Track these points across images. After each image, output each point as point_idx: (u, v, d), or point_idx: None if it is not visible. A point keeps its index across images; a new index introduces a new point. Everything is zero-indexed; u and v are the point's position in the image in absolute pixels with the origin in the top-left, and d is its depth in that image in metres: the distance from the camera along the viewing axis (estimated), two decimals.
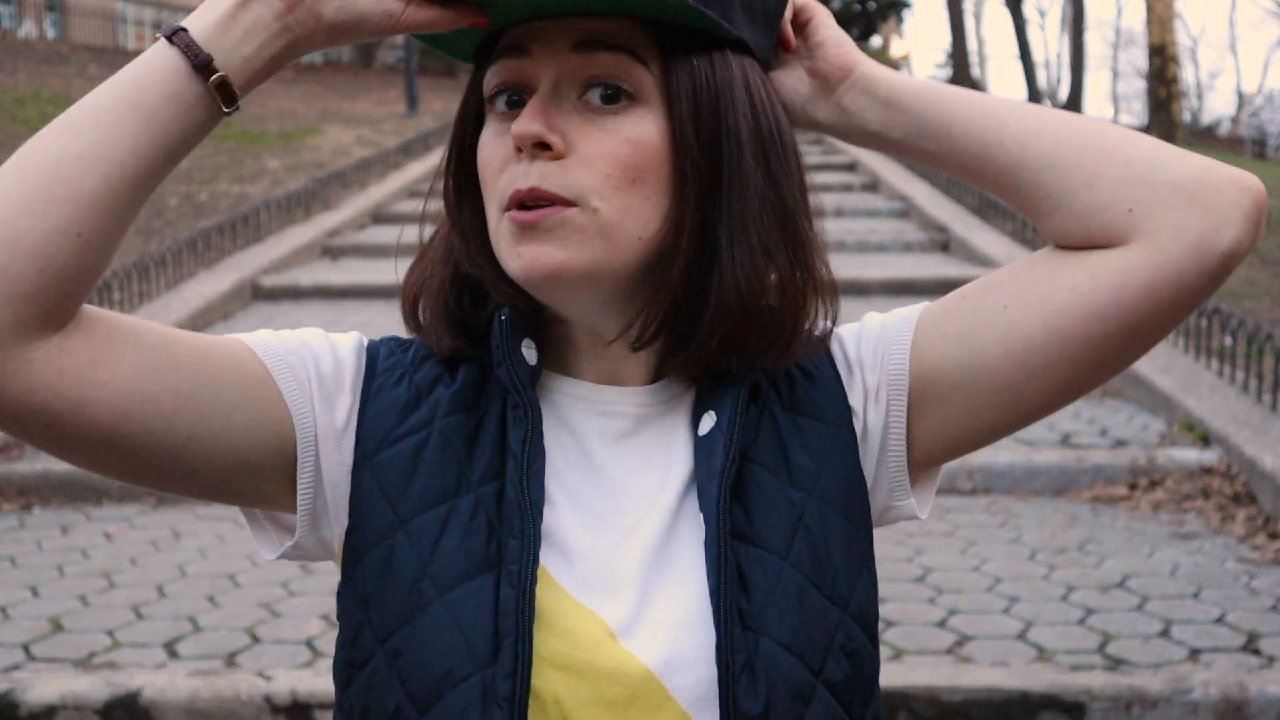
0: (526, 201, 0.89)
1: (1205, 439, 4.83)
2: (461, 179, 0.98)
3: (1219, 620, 3.42)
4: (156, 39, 0.86)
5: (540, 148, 0.89)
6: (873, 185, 11.62)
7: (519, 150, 0.90)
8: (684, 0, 0.88)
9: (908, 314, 1.02)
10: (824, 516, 0.96)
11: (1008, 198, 0.98)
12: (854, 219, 10.20)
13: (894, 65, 31.96)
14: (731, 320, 0.93)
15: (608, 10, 0.90)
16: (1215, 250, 0.91)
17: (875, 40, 38.95)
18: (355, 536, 0.95)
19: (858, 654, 0.96)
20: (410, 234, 1.08)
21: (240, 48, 0.86)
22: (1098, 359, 0.95)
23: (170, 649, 3.34)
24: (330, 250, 9.02)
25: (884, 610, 3.07)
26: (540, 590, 0.91)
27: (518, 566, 0.90)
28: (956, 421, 0.99)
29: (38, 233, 0.80)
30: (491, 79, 0.94)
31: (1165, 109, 20.51)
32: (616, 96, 0.91)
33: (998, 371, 0.96)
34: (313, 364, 0.98)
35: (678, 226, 0.92)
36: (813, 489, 0.97)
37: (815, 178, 1.05)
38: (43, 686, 3.07)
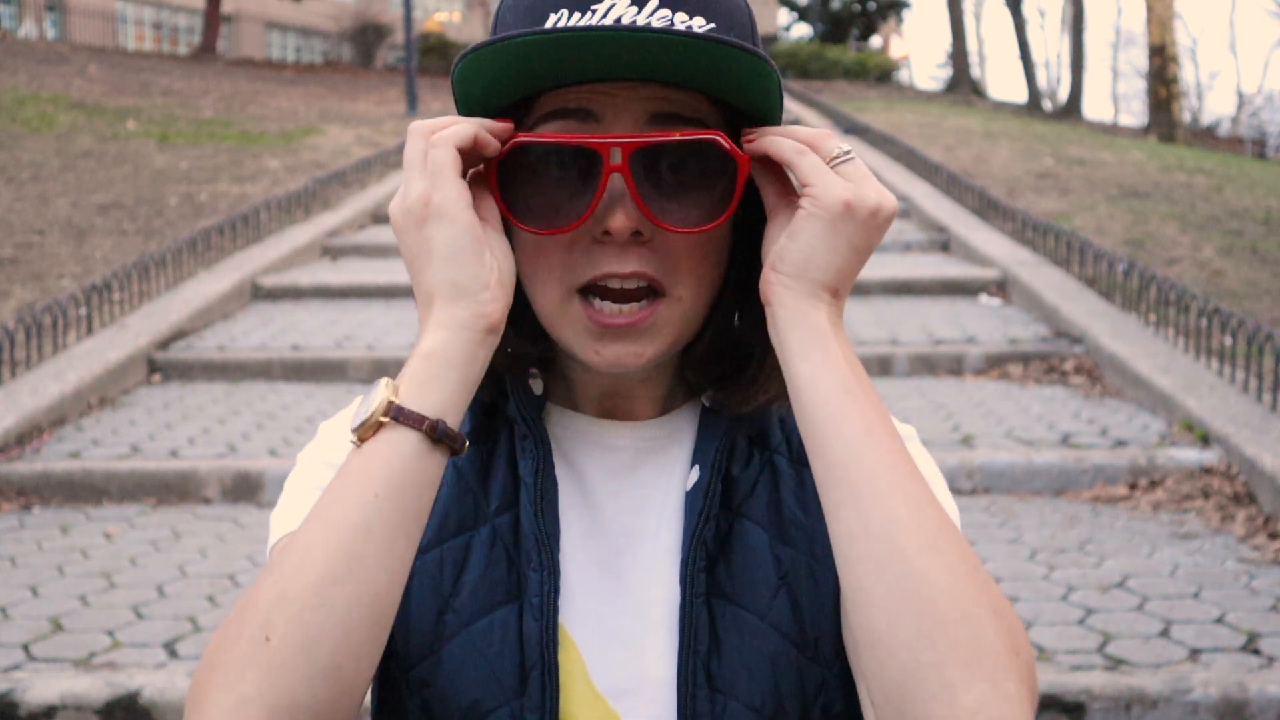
0: (619, 284, 0.89)
1: (1205, 439, 4.83)
2: None
3: (1219, 620, 3.41)
4: (391, 420, 0.82)
5: (635, 235, 0.88)
6: None
7: (605, 234, 0.88)
8: (775, 89, 0.88)
9: None
10: (813, 573, 0.94)
11: None
12: None
13: (893, 66, 31.31)
14: (776, 373, 0.93)
15: (686, 83, 0.88)
16: None
17: (875, 40, 38.93)
18: None
19: (841, 716, 0.93)
20: None
21: (469, 395, 0.86)
22: None
23: (170, 649, 3.34)
24: (330, 250, 9.02)
25: None
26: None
27: (539, 599, 0.91)
28: None
29: (365, 672, 0.80)
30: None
31: (1165, 109, 20.52)
32: None
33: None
34: None
35: (729, 288, 0.95)
36: (803, 545, 0.95)
37: None
38: (43, 686, 3.07)
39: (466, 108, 0.92)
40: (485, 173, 0.90)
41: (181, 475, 4.71)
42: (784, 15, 38.72)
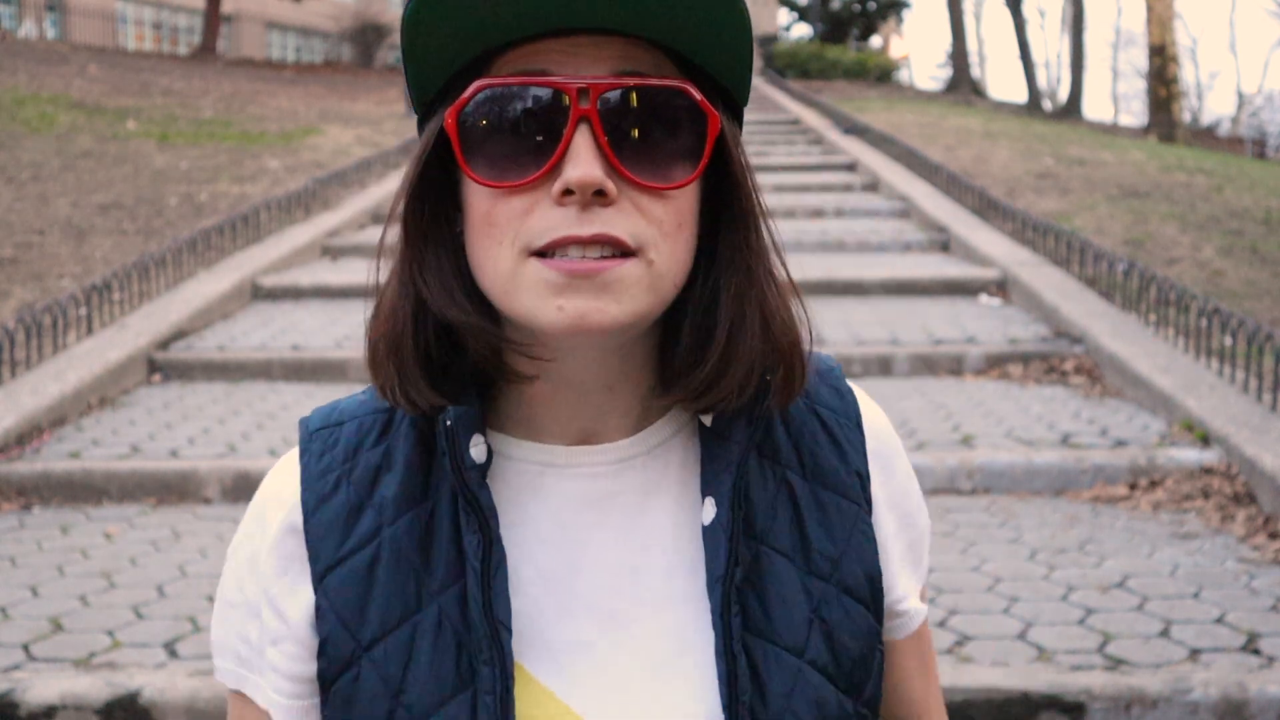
0: (582, 250, 0.81)
1: (1205, 439, 4.83)
2: (427, 207, 0.87)
3: (1219, 620, 3.41)
4: None
5: (598, 194, 0.81)
6: (873, 185, 11.61)
7: (565, 194, 0.81)
8: (744, 36, 0.84)
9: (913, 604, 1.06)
10: (843, 605, 0.91)
11: None
12: (854, 219, 10.19)
13: (893, 66, 31.42)
14: (758, 355, 0.88)
15: (651, 32, 0.83)
16: None
17: (875, 40, 38.94)
18: (321, 660, 0.90)
19: None
20: None
21: None
22: None
23: (170, 649, 3.34)
24: (330, 250, 9.01)
25: None
26: (523, 696, 0.86)
27: (492, 697, 0.84)
28: None
29: None
30: None
31: (1165, 109, 20.52)
32: None
33: None
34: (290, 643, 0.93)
35: (704, 268, 0.88)
36: (831, 575, 0.92)
37: (815, 178, 1.06)
38: (43, 686, 3.07)
39: (415, 66, 0.86)
40: (446, 126, 0.84)
41: (181, 475, 4.71)
42: (784, 15, 38.72)
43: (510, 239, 0.83)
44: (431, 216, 0.87)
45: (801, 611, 0.90)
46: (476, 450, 0.87)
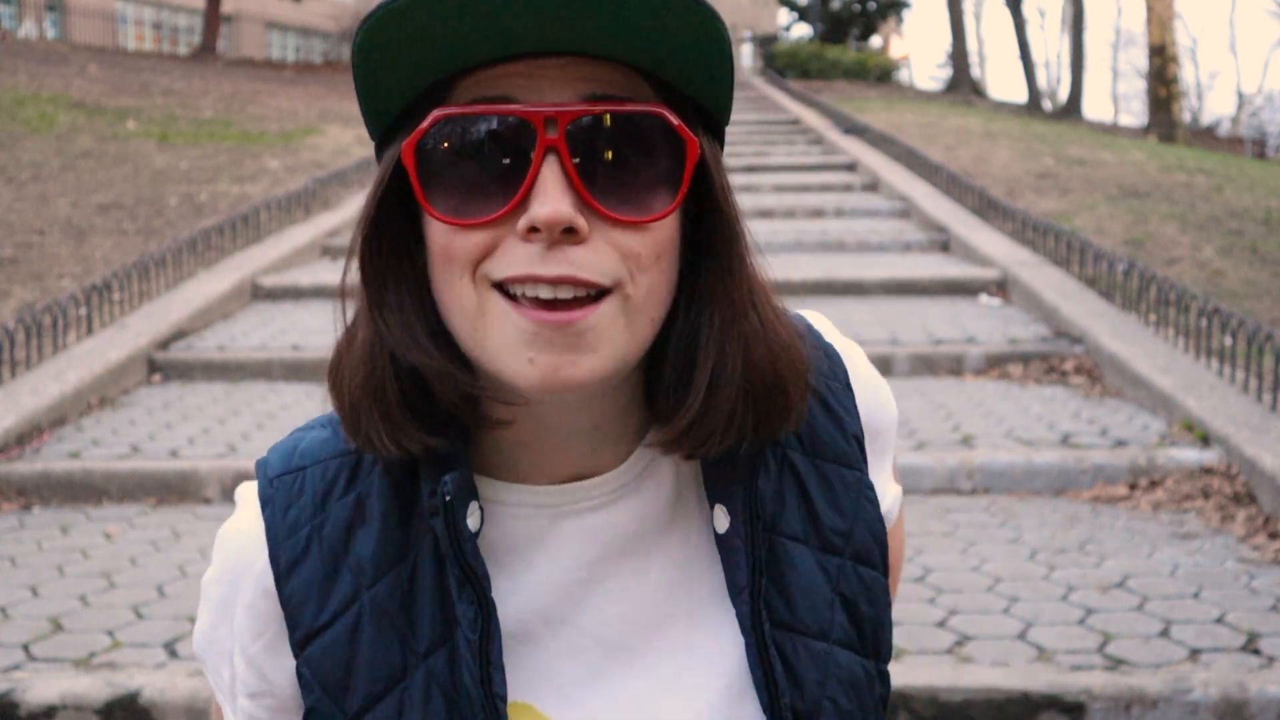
0: (552, 290, 0.75)
1: (1205, 439, 4.83)
2: (383, 245, 0.83)
3: (1219, 620, 3.41)
4: None
5: (567, 232, 0.75)
6: (873, 185, 11.61)
7: (531, 231, 0.75)
8: (724, 53, 0.78)
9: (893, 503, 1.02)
10: (858, 574, 0.90)
11: None
12: (854, 219, 10.19)
13: (893, 66, 31.45)
14: (740, 395, 0.82)
15: (622, 53, 0.77)
16: None
17: (875, 40, 38.95)
18: None
19: (885, 699, 0.92)
20: None
21: None
22: None
23: (170, 649, 3.34)
24: (330, 250, 9.02)
25: None
26: None
27: None
28: None
29: None
30: None
31: (1165, 109, 20.53)
32: None
33: None
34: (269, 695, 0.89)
35: (684, 300, 0.82)
36: (845, 549, 0.90)
37: (815, 178, 1.04)
38: (43, 686, 3.07)
39: (370, 93, 0.80)
40: (403, 159, 0.78)
41: (181, 475, 4.71)
42: (784, 15, 38.71)
43: (471, 274, 0.78)
44: (391, 251, 0.82)
45: (823, 593, 0.88)
46: (473, 519, 0.82)
